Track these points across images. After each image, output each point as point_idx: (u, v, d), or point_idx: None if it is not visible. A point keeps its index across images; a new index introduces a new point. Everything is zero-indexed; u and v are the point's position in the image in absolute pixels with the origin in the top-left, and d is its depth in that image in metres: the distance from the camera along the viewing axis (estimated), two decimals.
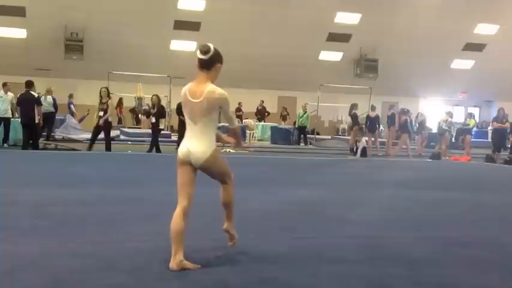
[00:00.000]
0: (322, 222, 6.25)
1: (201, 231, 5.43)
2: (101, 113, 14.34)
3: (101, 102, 14.45)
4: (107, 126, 14.50)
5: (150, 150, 15.06)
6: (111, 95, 14.99)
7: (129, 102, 25.38)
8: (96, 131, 14.62)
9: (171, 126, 23.26)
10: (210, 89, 4.25)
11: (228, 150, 17.29)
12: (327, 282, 4.02)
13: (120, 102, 24.82)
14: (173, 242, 4.15)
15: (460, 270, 4.49)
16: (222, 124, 11.66)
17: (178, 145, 16.83)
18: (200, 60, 4.32)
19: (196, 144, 4.23)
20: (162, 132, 16.57)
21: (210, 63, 4.31)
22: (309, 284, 3.97)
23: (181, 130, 17.37)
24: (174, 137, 19.05)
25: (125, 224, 5.67)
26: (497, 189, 10.44)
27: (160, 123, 15.64)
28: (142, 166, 12.03)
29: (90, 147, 14.60)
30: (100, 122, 14.24)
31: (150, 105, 15.94)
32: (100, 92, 14.61)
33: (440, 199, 8.42)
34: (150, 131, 16.72)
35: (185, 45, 26.66)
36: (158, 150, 15.11)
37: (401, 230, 6.04)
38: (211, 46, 4.35)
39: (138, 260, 4.33)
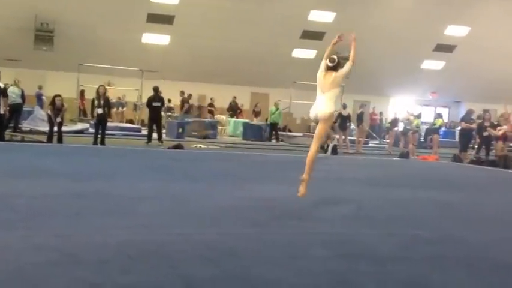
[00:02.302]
0: (291, 218, 6.26)
1: (169, 226, 5.41)
2: (99, 110, 15.00)
3: (98, 99, 15.16)
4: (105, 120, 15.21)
5: (96, 142, 14.91)
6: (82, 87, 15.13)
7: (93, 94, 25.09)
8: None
9: (142, 121, 23.07)
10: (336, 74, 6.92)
11: (198, 146, 17.23)
12: (295, 278, 4.02)
13: (82, 94, 24.43)
14: (308, 166, 6.76)
15: (426, 267, 4.54)
16: None
17: (149, 138, 16.83)
18: (329, 66, 6.97)
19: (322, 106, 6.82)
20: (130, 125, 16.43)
21: (335, 67, 6.97)
22: (277, 279, 3.97)
23: (151, 122, 17.26)
24: (144, 131, 18.87)
25: (91, 217, 5.59)
26: (464, 188, 10.61)
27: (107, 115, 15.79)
28: (110, 159, 11.89)
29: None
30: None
31: (95, 96, 15.76)
32: (97, 89, 15.35)
33: (408, 197, 8.52)
34: (118, 123, 16.54)
35: (158, 39, 26.46)
36: (103, 143, 14.93)
37: (369, 227, 6.09)
38: (336, 58, 6.95)
39: (104, 253, 4.28)
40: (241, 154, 15.46)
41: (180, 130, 19.80)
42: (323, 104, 6.84)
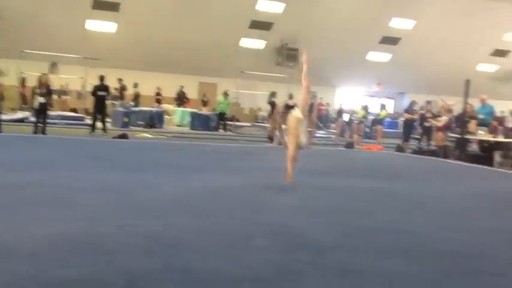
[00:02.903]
0: (236, 209, 6.25)
1: (110, 218, 5.28)
2: (41, 99, 14.68)
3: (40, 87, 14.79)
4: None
5: (36, 131, 14.51)
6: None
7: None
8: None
9: (86, 109, 22.53)
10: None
11: (144, 135, 16.99)
12: (236, 269, 4.00)
13: (23, 81, 23.62)
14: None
15: (366, 256, 4.60)
16: None
17: (93, 128, 16.43)
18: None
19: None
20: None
21: None
22: (219, 270, 3.94)
23: (95, 112, 16.88)
24: (88, 120, 18.44)
25: (27, 209, 5.39)
26: (406, 177, 10.87)
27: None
28: (50, 149, 11.55)
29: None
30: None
31: (36, 84, 15.33)
32: (39, 78, 15.02)
33: (352, 187, 8.64)
34: (61, 112, 16.14)
35: (104, 26, 25.86)
36: (44, 132, 14.55)
37: (313, 216, 6.13)
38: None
39: (38, 246, 4.13)
40: (188, 144, 15.34)
41: (126, 119, 19.46)
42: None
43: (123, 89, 23.03)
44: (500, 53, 30.72)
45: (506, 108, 24.00)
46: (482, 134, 15.74)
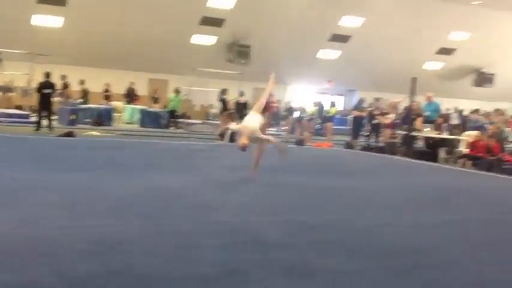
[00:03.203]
0: (185, 208, 6.18)
1: (51, 219, 5.14)
2: None
3: None
4: None
5: None
6: None
7: None
8: None
9: (31, 107, 21.87)
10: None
11: (92, 133, 16.64)
12: (181, 270, 3.96)
13: None
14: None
15: (309, 253, 4.65)
16: None
17: (38, 126, 15.96)
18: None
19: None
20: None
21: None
22: (162, 272, 3.89)
23: (41, 109, 16.41)
24: (34, 118, 17.92)
25: None
26: (354, 174, 11.02)
27: None
28: None
29: None
30: None
31: None
32: None
33: (301, 184, 8.71)
34: (5, 110, 15.59)
35: (50, 21, 25.16)
36: None
37: (261, 214, 6.14)
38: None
39: None
40: (137, 142, 15.11)
41: (73, 117, 19.01)
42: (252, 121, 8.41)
43: (65, 86, 22.43)
44: (445, 51, 31.59)
45: (452, 105, 24.72)
46: (428, 131, 16.14)
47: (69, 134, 14.57)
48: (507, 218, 7.11)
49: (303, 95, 29.71)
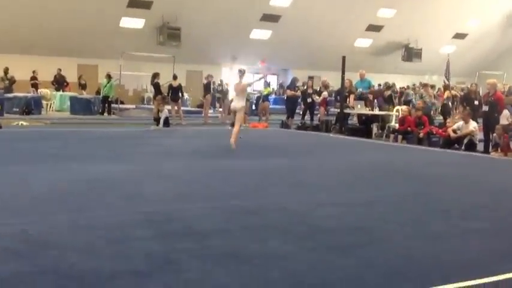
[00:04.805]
0: (113, 199, 6.02)
1: None
2: None
3: None
4: None
5: None
6: None
7: None
8: None
9: None
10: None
11: (20, 123, 16.01)
12: (113, 265, 3.85)
13: None
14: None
15: (244, 238, 4.63)
16: None
17: None
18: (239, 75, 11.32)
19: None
20: None
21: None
22: (94, 267, 3.78)
23: None
24: None
25: None
26: (289, 154, 11.07)
27: None
28: None
29: None
30: None
31: None
32: None
33: (234, 167, 8.68)
34: None
35: None
36: None
37: (193, 202, 6.06)
38: (243, 69, 11.25)
39: None
40: (68, 131, 14.62)
41: None
42: (236, 101, 11.31)
43: None
44: (374, 28, 32.19)
45: (383, 81, 25.29)
46: (360, 108, 16.45)
47: None
48: (430, 191, 7.34)
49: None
